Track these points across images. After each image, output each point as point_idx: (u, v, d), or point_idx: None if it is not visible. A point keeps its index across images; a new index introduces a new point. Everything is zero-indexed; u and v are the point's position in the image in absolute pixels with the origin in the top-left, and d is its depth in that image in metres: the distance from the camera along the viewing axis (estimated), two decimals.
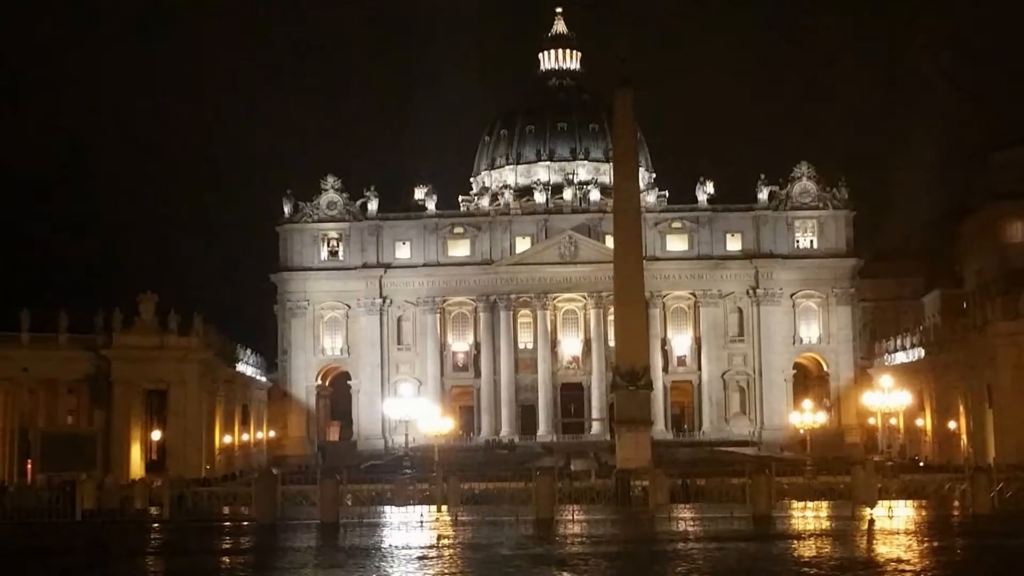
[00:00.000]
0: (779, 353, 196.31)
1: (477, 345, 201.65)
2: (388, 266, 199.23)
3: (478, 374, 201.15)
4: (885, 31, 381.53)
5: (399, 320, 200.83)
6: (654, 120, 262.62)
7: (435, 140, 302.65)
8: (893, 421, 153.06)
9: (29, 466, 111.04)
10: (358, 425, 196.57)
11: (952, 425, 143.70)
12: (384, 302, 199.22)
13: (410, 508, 63.10)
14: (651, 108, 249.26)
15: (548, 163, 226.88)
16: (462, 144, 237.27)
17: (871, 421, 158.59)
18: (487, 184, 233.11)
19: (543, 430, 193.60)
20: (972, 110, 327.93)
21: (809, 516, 55.33)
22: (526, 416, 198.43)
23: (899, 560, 34.31)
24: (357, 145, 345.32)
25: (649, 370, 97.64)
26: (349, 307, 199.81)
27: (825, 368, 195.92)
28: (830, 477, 79.92)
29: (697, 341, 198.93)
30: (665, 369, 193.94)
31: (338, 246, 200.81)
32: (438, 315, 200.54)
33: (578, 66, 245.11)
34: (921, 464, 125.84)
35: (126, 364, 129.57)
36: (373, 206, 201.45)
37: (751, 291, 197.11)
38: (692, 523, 51.66)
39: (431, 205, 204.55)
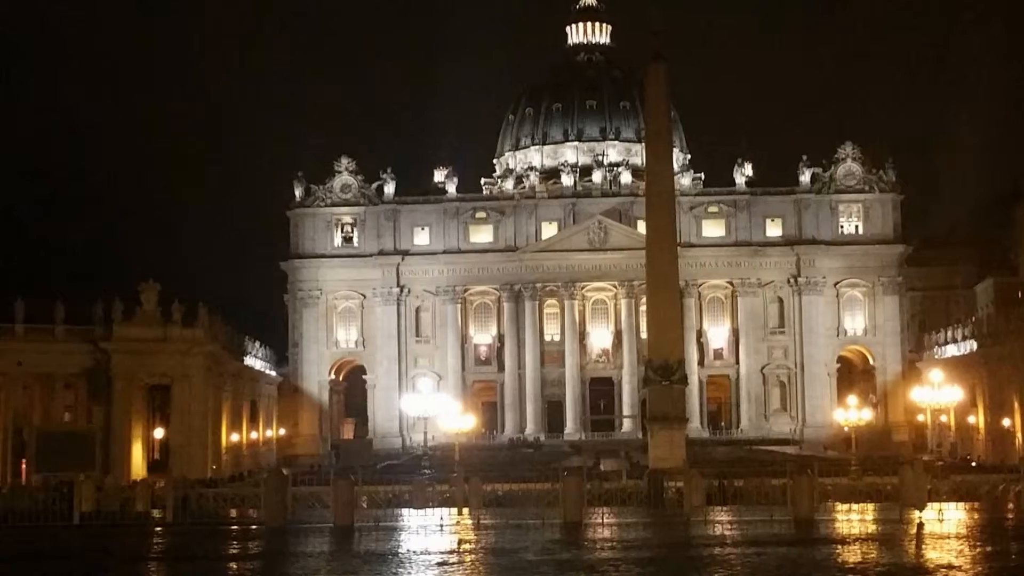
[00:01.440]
0: (822, 346, 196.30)
1: (500, 337, 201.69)
2: (406, 253, 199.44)
3: (501, 368, 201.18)
4: (935, 3, 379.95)
5: (417, 311, 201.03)
6: (690, 97, 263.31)
7: (456, 119, 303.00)
8: (944, 418, 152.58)
9: (24, 466, 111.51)
10: (374, 422, 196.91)
11: (1006, 422, 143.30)
12: (401, 291, 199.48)
13: (429, 511, 63.06)
14: (686, 85, 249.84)
15: (576, 143, 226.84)
16: (485, 123, 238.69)
17: (920, 418, 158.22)
18: (511, 166, 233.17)
19: (571, 428, 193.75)
20: None
21: (854, 519, 55.25)
22: (552, 413, 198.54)
23: (950, 566, 34.26)
24: (373, 125, 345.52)
25: (683, 364, 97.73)
26: (364, 297, 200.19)
27: (871, 362, 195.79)
28: (876, 478, 79.73)
29: (734, 333, 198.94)
30: (701, 363, 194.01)
31: (352, 232, 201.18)
32: (459, 305, 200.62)
33: (608, 40, 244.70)
34: (973, 464, 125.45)
35: (127, 357, 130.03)
36: (390, 189, 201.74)
37: (792, 280, 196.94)
38: (729, 527, 51.64)
39: (452, 188, 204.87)
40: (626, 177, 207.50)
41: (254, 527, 55.35)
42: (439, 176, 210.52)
